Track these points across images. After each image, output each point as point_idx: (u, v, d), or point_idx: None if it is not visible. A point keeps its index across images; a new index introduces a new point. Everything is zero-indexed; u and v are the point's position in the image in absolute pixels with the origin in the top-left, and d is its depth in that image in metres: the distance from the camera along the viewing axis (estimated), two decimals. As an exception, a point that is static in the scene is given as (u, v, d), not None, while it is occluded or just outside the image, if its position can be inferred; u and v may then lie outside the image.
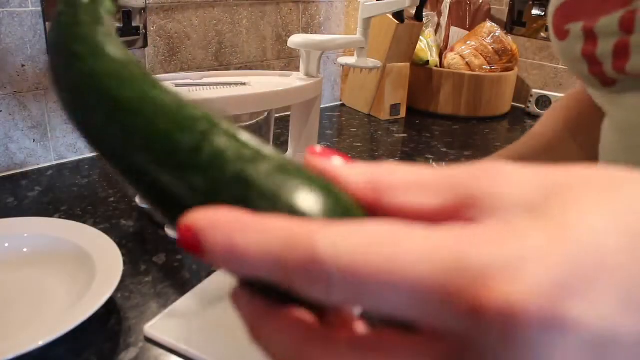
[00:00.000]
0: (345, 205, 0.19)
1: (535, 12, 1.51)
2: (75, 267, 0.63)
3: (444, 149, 1.18)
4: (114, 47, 0.22)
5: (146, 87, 0.21)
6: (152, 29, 1.04)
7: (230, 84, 0.81)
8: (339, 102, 1.49)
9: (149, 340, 0.57)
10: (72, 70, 0.21)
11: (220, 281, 0.64)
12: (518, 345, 0.15)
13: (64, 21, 0.23)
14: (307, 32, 1.32)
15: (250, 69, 1.23)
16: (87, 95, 0.21)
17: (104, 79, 0.21)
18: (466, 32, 1.47)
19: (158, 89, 0.21)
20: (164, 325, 0.58)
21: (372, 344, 0.17)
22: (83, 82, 0.21)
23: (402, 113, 1.38)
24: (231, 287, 0.20)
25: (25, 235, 0.68)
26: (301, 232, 0.17)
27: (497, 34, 1.39)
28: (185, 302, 0.61)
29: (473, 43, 1.40)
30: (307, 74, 0.88)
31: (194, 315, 0.59)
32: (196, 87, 0.78)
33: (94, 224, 0.75)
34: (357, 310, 0.19)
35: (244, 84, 0.81)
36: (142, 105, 0.20)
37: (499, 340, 0.15)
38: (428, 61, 1.40)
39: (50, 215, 0.79)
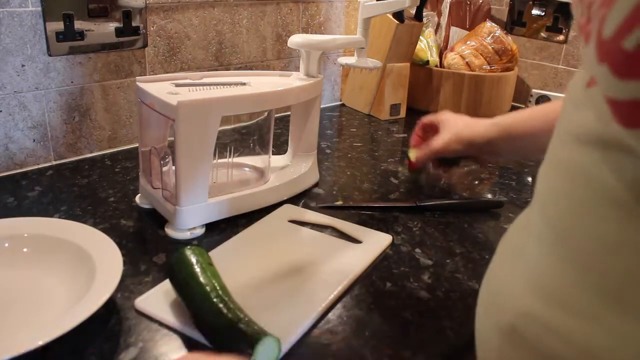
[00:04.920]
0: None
1: (535, 12, 1.51)
2: (75, 267, 0.63)
3: (444, 149, 1.18)
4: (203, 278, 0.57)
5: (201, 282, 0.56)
6: (152, 29, 1.04)
7: (230, 84, 0.80)
8: (339, 102, 1.49)
9: (139, 313, 0.59)
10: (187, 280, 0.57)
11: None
12: None
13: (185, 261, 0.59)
14: (307, 32, 1.32)
15: (250, 69, 1.23)
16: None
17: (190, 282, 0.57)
18: (466, 32, 1.47)
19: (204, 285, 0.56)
20: (154, 300, 0.60)
21: None
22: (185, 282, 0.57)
23: (402, 113, 1.38)
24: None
25: (25, 235, 0.68)
26: None
27: (497, 34, 1.39)
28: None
29: (473, 43, 1.40)
30: (307, 74, 0.88)
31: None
32: (196, 87, 0.78)
33: (94, 224, 0.75)
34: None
35: (244, 84, 0.81)
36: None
37: None
38: (428, 61, 1.40)
39: (50, 215, 0.79)
